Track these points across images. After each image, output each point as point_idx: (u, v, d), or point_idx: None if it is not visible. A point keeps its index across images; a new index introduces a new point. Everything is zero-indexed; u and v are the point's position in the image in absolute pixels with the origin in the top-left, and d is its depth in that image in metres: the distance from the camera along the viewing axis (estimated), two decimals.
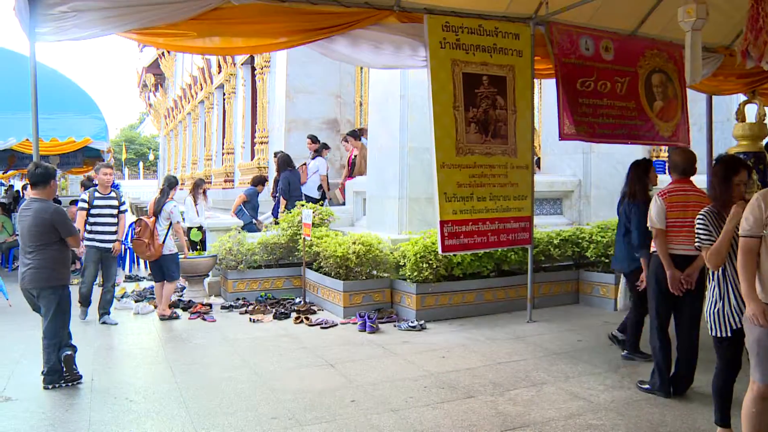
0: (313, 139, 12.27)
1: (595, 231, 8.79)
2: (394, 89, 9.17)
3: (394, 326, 7.54)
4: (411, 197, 8.97)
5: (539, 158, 11.40)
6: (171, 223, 8.43)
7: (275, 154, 12.38)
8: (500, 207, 7.27)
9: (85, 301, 8.23)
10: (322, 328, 7.58)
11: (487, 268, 8.28)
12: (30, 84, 5.67)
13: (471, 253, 7.87)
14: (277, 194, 11.47)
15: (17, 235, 6.47)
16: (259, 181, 12.22)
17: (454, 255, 7.75)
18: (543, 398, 5.12)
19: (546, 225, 9.44)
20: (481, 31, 7.10)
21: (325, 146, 12.28)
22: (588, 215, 10.23)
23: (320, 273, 8.73)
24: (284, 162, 11.55)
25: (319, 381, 5.61)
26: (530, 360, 6.20)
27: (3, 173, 20.62)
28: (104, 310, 8.08)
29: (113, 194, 8.30)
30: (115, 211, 8.22)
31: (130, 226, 10.58)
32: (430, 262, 7.68)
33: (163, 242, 8.26)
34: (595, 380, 5.54)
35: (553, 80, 7.48)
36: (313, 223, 8.88)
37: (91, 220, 8.08)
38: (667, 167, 13.14)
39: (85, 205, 8.09)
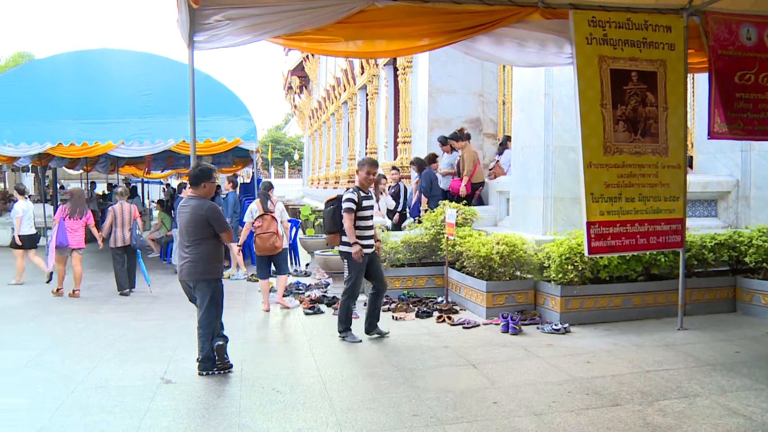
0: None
1: (755, 235, 8.21)
2: (539, 87, 9.01)
3: (537, 328, 7.43)
4: (556, 197, 8.79)
5: (692, 157, 10.82)
6: (279, 221, 9.09)
7: (412, 162, 12.35)
8: (650, 208, 6.97)
9: (377, 320, 7.39)
10: (464, 327, 7.59)
11: (635, 272, 7.96)
12: (189, 89, 6.09)
13: (618, 256, 7.60)
14: (420, 193, 11.54)
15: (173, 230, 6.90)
16: (432, 160, 11.92)
17: (601, 257, 7.52)
18: (696, 411, 4.85)
19: (699, 228, 8.96)
20: (630, 25, 6.82)
21: (509, 138, 12.16)
22: (747, 218, 9.61)
23: (463, 273, 8.73)
24: (424, 161, 11.64)
25: (460, 381, 5.63)
26: (681, 369, 5.90)
27: (161, 172, 22.36)
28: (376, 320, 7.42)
29: (371, 194, 7.60)
30: (374, 212, 7.55)
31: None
32: (576, 264, 7.49)
33: None
34: (756, 396, 5.16)
35: (707, 74, 7.08)
36: (456, 223, 8.89)
37: (359, 223, 7.19)
38: None
39: (354, 206, 7.13)
